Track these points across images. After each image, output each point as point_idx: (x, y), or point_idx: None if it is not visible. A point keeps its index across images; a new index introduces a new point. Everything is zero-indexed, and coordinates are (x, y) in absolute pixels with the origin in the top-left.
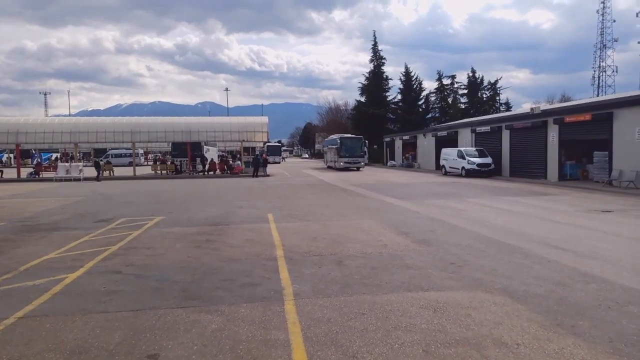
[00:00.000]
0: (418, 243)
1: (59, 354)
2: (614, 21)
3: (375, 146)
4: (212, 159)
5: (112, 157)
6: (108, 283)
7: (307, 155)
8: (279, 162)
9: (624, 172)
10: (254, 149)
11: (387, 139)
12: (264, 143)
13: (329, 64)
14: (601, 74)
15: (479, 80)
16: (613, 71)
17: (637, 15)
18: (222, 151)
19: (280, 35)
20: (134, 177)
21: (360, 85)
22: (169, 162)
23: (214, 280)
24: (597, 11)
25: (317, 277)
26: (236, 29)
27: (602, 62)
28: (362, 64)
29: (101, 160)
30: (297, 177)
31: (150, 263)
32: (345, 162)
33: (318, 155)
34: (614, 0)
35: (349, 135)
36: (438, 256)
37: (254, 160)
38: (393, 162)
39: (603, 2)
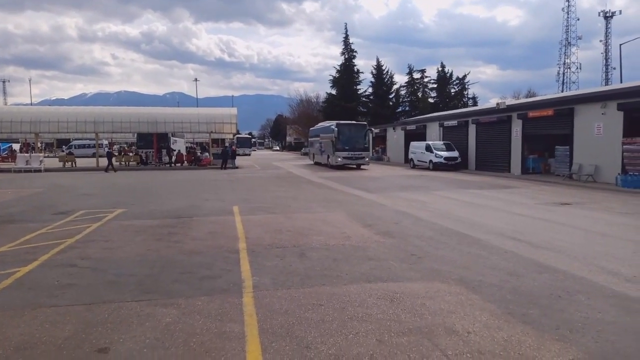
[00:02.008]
0: (381, 235)
1: (2, 350)
2: (578, 19)
3: None
4: (179, 151)
5: (75, 147)
6: (62, 276)
7: (277, 148)
8: (249, 155)
9: (584, 166)
10: (223, 140)
11: None
12: (234, 135)
13: (300, 55)
14: (566, 71)
15: (448, 75)
16: (577, 68)
17: (599, 14)
18: (190, 143)
19: (250, 25)
20: (97, 169)
21: (331, 77)
22: (132, 154)
23: (172, 273)
24: (563, 9)
25: (278, 269)
26: (204, 18)
27: (567, 59)
28: (334, 56)
29: (113, 151)
30: (267, 170)
31: (108, 256)
32: (344, 158)
33: (289, 147)
34: None
35: (349, 121)
36: (400, 248)
37: (222, 152)
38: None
39: (568, 1)
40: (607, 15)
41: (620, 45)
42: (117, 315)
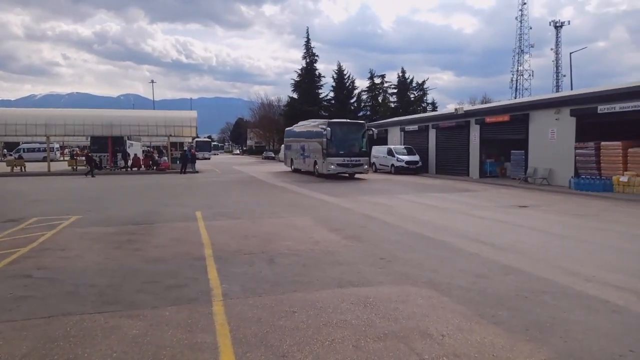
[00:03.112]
0: (349, 239)
1: None
2: (531, 28)
3: None
4: (135, 155)
5: (24, 151)
6: (16, 288)
7: (238, 152)
8: (209, 159)
9: (538, 170)
10: (182, 144)
11: None
12: (193, 138)
13: (260, 58)
14: (519, 78)
15: (408, 80)
16: (530, 75)
17: (550, 24)
18: (148, 146)
19: (207, 27)
20: (49, 173)
21: (292, 81)
22: (82, 157)
23: (135, 282)
24: (516, 18)
25: (248, 276)
26: (160, 18)
27: (520, 66)
28: (294, 60)
29: (94, 155)
30: (229, 174)
31: (65, 266)
32: (338, 165)
33: (250, 151)
34: (530, 8)
35: (344, 120)
36: (368, 252)
37: (181, 156)
38: None
39: (521, 10)
40: (557, 25)
41: (570, 53)
42: (80, 329)
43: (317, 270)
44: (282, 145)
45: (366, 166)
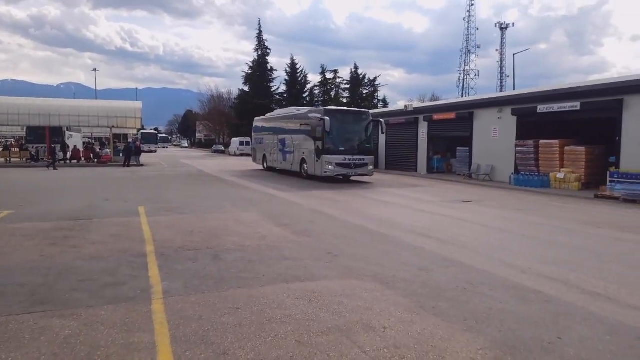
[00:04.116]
0: (297, 234)
1: None
2: (477, 29)
3: None
4: (75, 146)
5: None
6: None
7: (186, 145)
8: (155, 151)
9: (481, 166)
10: (126, 136)
11: None
12: (138, 130)
13: (211, 49)
14: (465, 77)
15: (361, 76)
16: (476, 75)
17: (495, 26)
18: (89, 138)
19: (155, 14)
20: None
21: (244, 74)
22: (16, 149)
23: (70, 281)
24: (464, 19)
25: (191, 273)
26: (103, 4)
27: (467, 66)
28: (246, 52)
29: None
30: (175, 168)
31: None
32: (338, 165)
33: (199, 144)
34: (477, 9)
35: (343, 107)
36: (315, 246)
37: (125, 149)
38: None
39: (469, 11)
40: (503, 27)
41: (514, 55)
42: (5, 331)
43: (263, 266)
44: (235, 139)
45: (371, 167)
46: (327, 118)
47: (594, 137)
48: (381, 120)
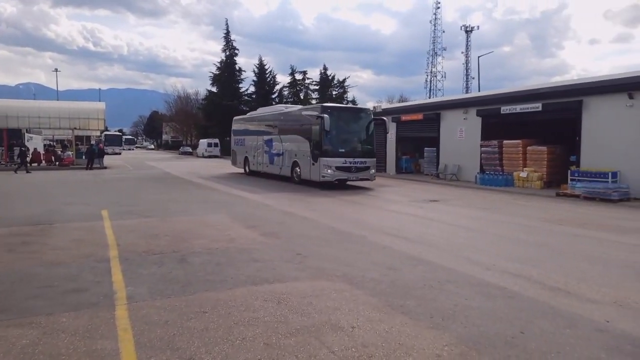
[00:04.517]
0: (266, 236)
1: None
2: (444, 32)
3: (228, 138)
4: (35, 149)
5: None
6: None
7: (152, 146)
8: (119, 154)
9: (448, 166)
10: (88, 138)
11: None
12: (101, 132)
13: (176, 49)
14: (432, 79)
15: (330, 77)
16: (442, 76)
17: (461, 28)
18: (50, 140)
19: (118, 13)
20: None
21: (211, 74)
22: None
23: (29, 288)
24: (430, 21)
25: (156, 278)
26: (64, 2)
27: (434, 67)
28: (213, 52)
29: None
30: (141, 170)
31: None
32: (338, 169)
33: (166, 146)
34: (443, 12)
35: (342, 105)
36: (285, 248)
37: (88, 151)
38: None
39: (435, 14)
40: (468, 29)
41: (479, 57)
42: None
43: (232, 269)
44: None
45: (373, 170)
46: (326, 116)
47: (555, 137)
48: (385, 118)
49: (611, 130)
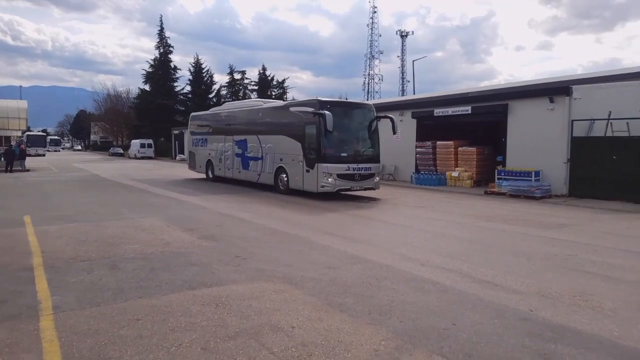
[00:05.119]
0: (204, 239)
1: None
2: (380, 36)
3: (162, 139)
4: None
5: None
6: None
7: (80, 147)
8: (43, 155)
9: (386, 166)
10: (8, 138)
11: (176, 132)
12: (23, 132)
13: (106, 45)
14: (370, 81)
15: (269, 77)
16: (379, 79)
17: (396, 33)
18: None
19: (40, 6)
20: None
21: (144, 72)
22: None
23: None
24: (367, 25)
25: (85, 285)
26: None
27: (371, 70)
28: (146, 49)
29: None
30: (67, 172)
31: None
32: (340, 178)
33: (94, 147)
34: (380, 17)
35: (341, 100)
36: (224, 250)
37: (6, 152)
38: (182, 156)
39: (372, 18)
40: (403, 34)
41: (413, 61)
42: None
43: (167, 273)
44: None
45: (377, 178)
46: (328, 113)
47: (484, 139)
48: (391, 116)
49: (534, 132)
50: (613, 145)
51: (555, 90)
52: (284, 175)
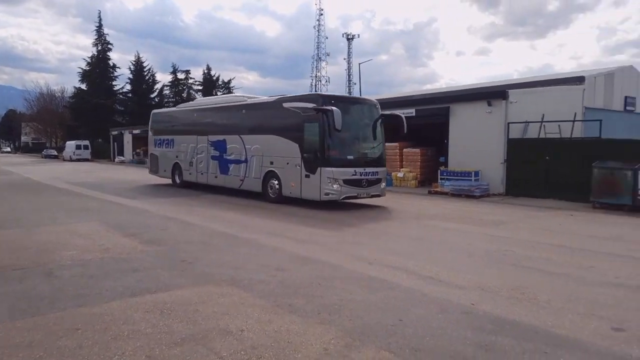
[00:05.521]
0: (147, 243)
1: None
2: (327, 38)
3: (100, 140)
4: None
5: None
6: None
7: (9, 149)
8: None
9: None
10: None
11: (115, 133)
12: None
13: (38, 41)
14: (317, 83)
15: (214, 77)
16: (327, 81)
17: (343, 36)
18: None
19: None
20: None
21: (80, 70)
22: None
23: None
24: (314, 27)
25: (17, 295)
26: None
27: (318, 72)
28: (83, 47)
29: None
30: None
31: None
32: (347, 184)
33: (26, 149)
34: (326, 19)
35: (347, 95)
36: (169, 255)
37: None
38: (122, 158)
39: (318, 20)
40: (349, 37)
41: (359, 64)
42: None
43: (108, 280)
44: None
45: (384, 184)
46: (337, 110)
47: (428, 140)
48: (401, 115)
49: (474, 134)
50: (546, 146)
51: (493, 94)
52: (275, 181)
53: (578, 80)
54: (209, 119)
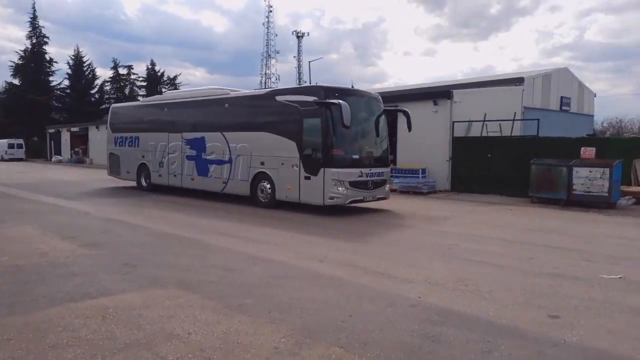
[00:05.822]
0: (88, 247)
1: None
2: (277, 35)
3: (35, 138)
4: None
5: None
6: None
7: None
8: None
9: None
10: None
11: (52, 131)
12: None
13: None
14: (267, 80)
15: (159, 73)
16: (276, 79)
17: (292, 33)
18: None
19: None
20: None
21: (12, 64)
22: None
23: None
24: (263, 24)
25: None
26: None
27: (267, 69)
28: (14, 39)
29: None
30: None
31: None
32: (353, 186)
33: None
34: (275, 16)
35: (349, 87)
36: (111, 258)
37: None
38: (59, 157)
39: (267, 17)
40: (299, 35)
41: (309, 62)
42: None
43: (44, 286)
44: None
45: (388, 186)
46: (344, 103)
47: None
48: (406, 110)
49: (421, 132)
50: (488, 144)
51: (438, 94)
52: (267, 184)
53: (518, 81)
54: (184, 115)
